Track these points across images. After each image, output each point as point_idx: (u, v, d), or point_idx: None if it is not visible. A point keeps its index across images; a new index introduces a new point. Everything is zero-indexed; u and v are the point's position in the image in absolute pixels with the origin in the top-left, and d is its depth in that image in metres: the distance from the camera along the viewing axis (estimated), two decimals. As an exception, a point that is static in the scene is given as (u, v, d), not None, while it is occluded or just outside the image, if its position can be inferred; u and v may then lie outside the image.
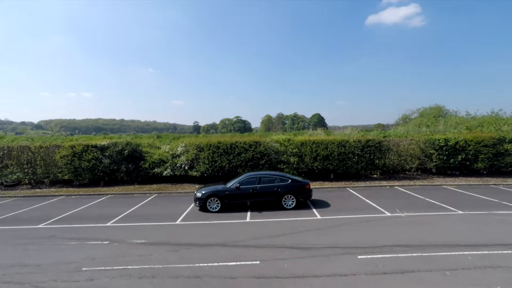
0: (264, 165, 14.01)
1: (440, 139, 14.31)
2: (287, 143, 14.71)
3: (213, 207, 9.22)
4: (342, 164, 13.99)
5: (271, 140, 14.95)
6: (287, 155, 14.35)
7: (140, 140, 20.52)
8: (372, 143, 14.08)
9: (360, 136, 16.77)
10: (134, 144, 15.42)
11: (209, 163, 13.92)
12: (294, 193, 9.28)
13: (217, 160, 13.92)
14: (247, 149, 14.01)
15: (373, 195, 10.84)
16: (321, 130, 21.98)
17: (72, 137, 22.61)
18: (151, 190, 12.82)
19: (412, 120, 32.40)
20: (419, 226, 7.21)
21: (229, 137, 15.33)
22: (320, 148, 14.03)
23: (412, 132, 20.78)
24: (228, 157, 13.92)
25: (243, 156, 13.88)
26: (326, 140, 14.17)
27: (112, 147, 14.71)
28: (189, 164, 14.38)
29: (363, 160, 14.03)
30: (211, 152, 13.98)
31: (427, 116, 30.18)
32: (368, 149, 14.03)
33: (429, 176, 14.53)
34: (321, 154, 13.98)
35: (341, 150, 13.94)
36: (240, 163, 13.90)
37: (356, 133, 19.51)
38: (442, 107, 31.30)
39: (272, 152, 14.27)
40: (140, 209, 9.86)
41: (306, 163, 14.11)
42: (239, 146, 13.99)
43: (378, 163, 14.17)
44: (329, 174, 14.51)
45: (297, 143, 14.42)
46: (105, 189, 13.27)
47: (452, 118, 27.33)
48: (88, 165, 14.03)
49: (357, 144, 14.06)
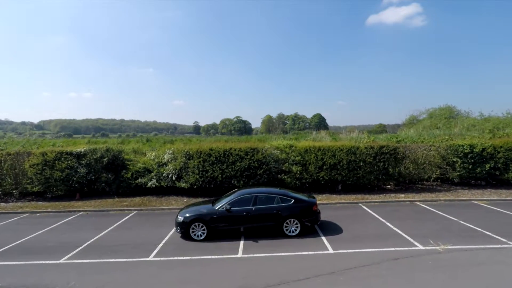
0: (263, 175, 12.20)
1: (465, 145, 12.48)
2: (288, 149, 12.90)
3: (198, 234, 7.42)
4: (352, 174, 12.17)
5: (271, 146, 13.15)
6: (288, 163, 12.54)
7: (127, 145, 18.76)
8: (386, 150, 12.27)
9: (370, 141, 14.97)
10: (115, 150, 13.63)
11: (199, 173, 12.12)
12: (298, 217, 7.47)
13: (208, 169, 12.11)
14: (243, 157, 12.21)
15: (393, 215, 9.03)
16: (326, 134, 20.14)
17: (51, 141, 20.84)
18: (131, 206, 11.02)
19: (420, 122, 30.55)
20: (471, 271, 5.38)
21: (222, 143, 13.54)
22: (326, 155, 12.22)
23: (425, 136, 18.96)
24: (221, 166, 12.12)
25: (238, 165, 12.08)
26: (334, 146, 12.35)
27: (89, 155, 12.94)
28: (177, 174, 12.59)
29: (376, 169, 12.22)
30: (201, 160, 12.18)
31: (438, 118, 28.30)
32: (382, 156, 12.21)
33: (452, 188, 12.70)
34: (327, 163, 12.17)
35: (350, 158, 12.13)
36: (234, 173, 12.10)
37: (365, 137, 17.69)
38: (453, 107, 29.45)
39: (271, 160, 12.46)
40: (111, 235, 8.07)
41: (311, 173, 12.30)
42: (233, 154, 12.19)
43: (393, 173, 12.35)
44: (337, 185, 12.70)
45: (300, 150, 12.62)
46: (79, 204, 11.49)
47: (466, 119, 25.45)
48: (61, 175, 12.24)
49: (369, 151, 12.25)
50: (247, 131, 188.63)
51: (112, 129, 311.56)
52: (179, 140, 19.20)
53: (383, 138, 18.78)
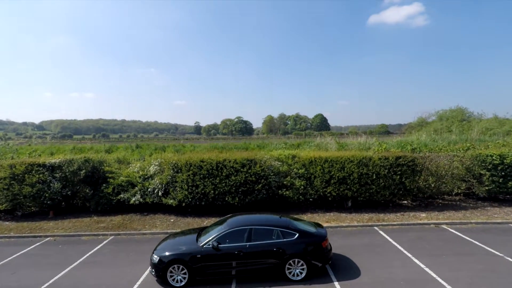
0: (261, 190, 10.63)
1: (494, 155, 10.86)
2: (290, 161, 11.33)
3: (177, 279, 5.86)
4: (364, 189, 10.58)
5: (270, 157, 11.58)
6: (290, 177, 10.97)
7: (113, 153, 17.23)
8: (403, 161, 10.66)
9: (382, 149, 13.37)
10: (95, 161, 12.11)
11: (189, 189, 10.57)
12: (304, 256, 5.91)
13: (199, 184, 10.55)
14: (238, 170, 10.64)
15: (419, 246, 7.45)
16: (331, 139, 18.52)
17: (34, 147, 19.35)
18: (108, 229, 9.48)
19: (430, 124, 28.90)
20: None
21: (216, 153, 11.98)
22: (334, 168, 10.63)
23: (439, 141, 17.33)
24: (213, 181, 10.56)
25: (233, 179, 10.51)
26: (342, 157, 10.76)
27: (65, 166, 11.40)
28: (164, 188, 11.05)
29: (391, 183, 10.62)
30: (191, 174, 10.62)
31: (449, 120, 26.62)
32: (399, 168, 10.61)
33: (478, 205, 11.09)
34: (336, 176, 10.58)
35: (362, 171, 10.53)
36: (229, 189, 10.53)
37: (375, 143, 16.09)
38: (465, 109, 27.77)
39: (271, 173, 10.89)
40: (73, 275, 6.54)
41: (316, 188, 10.72)
42: (228, 166, 10.62)
43: (411, 188, 10.74)
44: (346, 201, 11.12)
45: (304, 161, 11.04)
46: (50, 226, 9.97)
47: (480, 122, 23.78)
48: (32, 191, 10.71)
49: (384, 162, 10.65)
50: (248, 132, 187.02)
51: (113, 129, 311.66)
52: (172, 147, 17.67)
53: (394, 144, 17.16)
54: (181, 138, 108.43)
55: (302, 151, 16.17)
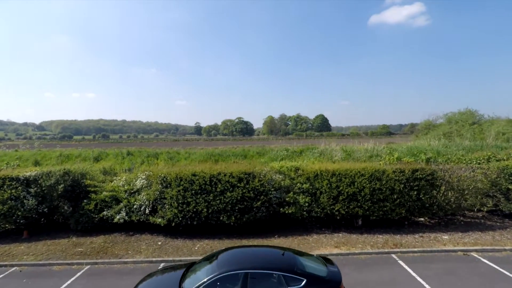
0: (260, 208, 9.42)
1: (523, 168, 9.63)
2: (293, 173, 10.11)
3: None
4: (376, 207, 9.35)
5: (271, 169, 10.37)
6: (293, 192, 9.74)
7: (102, 161, 16.02)
8: (421, 174, 9.43)
9: (394, 158, 12.15)
10: (77, 173, 10.92)
11: (179, 206, 9.36)
12: (313, 309, 4.68)
13: (190, 201, 9.34)
14: (234, 185, 9.43)
15: (450, 282, 6.21)
16: (336, 144, 17.28)
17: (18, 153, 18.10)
18: (86, 255, 8.28)
19: (438, 127, 27.58)
20: None
21: (210, 164, 10.76)
22: (343, 182, 9.40)
23: (453, 147, 16.07)
24: (206, 197, 9.35)
25: (229, 195, 9.29)
26: (352, 170, 9.53)
27: (42, 180, 10.20)
28: (151, 205, 9.85)
29: (407, 200, 9.39)
30: (181, 189, 9.41)
31: (459, 123, 25.29)
32: (416, 183, 9.38)
33: (505, 223, 9.87)
34: (344, 192, 9.36)
35: (375, 186, 9.30)
36: (224, 207, 9.32)
37: (385, 151, 14.88)
38: (475, 112, 26.40)
39: (271, 188, 9.68)
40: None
41: (323, 205, 9.50)
42: (223, 181, 9.40)
43: (430, 205, 9.51)
44: (356, 218, 9.89)
45: (309, 174, 9.82)
46: (21, 250, 8.79)
47: (493, 126, 22.47)
48: (2, 208, 9.52)
49: (399, 176, 9.42)
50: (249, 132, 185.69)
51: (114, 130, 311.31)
52: (165, 154, 16.44)
53: (404, 151, 15.92)
54: (180, 139, 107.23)
55: (306, 161, 14.95)
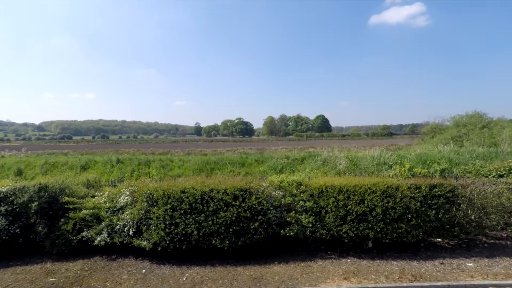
0: (258, 229, 8.34)
1: (555, 183, 8.53)
2: (295, 190, 9.01)
3: None
4: (390, 228, 8.25)
5: (270, 184, 9.29)
6: (295, 211, 8.66)
7: (89, 170, 14.94)
8: (440, 191, 8.34)
9: (406, 170, 11.06)
10: (55, 188, 9.82)
11: (166, 228, 8.28)
12: None
13: (179, 222, 8.26)
14: (229, 204, 8.35)
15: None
16: (340, 151, 16.17)
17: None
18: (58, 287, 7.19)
19: (445, 130, 26.45)
20: None
21: (201, 178, 9.63)
22: (351, 200, 8.32)
23: (465, 154, 14.97)
24: (197, 218, 8.26)
25: (223, 215, 8.21)
26: (362, 186, 8.44)
27: (13, 197, 9.12)
28: (136, 226, 8.77)
29: (425, 220, 8.30)
30: (169, 208, 8.33)
31: (467, 127, 24.17)
32: (434, 201, 8.30)
33: (535, 245, 8.75)
34: (353, 211, 8.27)
35: (387, 205, 8.21)
36: (217, 229, 8.24)
37: (394, 158, 13.79)
38: (483, 114, 25.27)
39: (270, 206, 8.59)
40: None
41: (329, 226, 8.41)
42: (215, 199, 8.32)
43: (450, 226, 8.42)
44: (366, 241, 8.80)
45: (313, 191, 8.72)
46: (-15, 278, 7.70)
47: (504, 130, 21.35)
48: (-34, 230, 8.46)
49: (415, 192, 8.33)
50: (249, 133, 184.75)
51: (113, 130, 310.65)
52: (157, 161, 15.37)
53: (413, 158, 14.83)
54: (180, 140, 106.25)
55: (308, 169, 13.90)
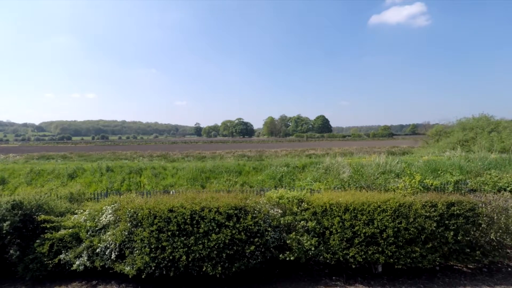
0: (254, 253, 7.44)
1: None
2: (296, 207, 8.10)
3: None
4: (402, 252, 7.35)
5: (268, 200, 8.38)
6: (296, 232, 7.76)
7: (77, 180, 14.04)
8: (458, 210, 7.44)
9: (416, 181, 10.16)
10: (31, 204, 8.90)
11: (152, 252, 7.38)
12: None
13: (165, 246, 7.35)
14: (221, 224, 7.45)
15: None
16: (342, 159, 15.26)
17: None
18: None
19: (450, 134, 25.50)
20: None
21: (193, 194, 8.70)
22: (359, 220, 7.41)
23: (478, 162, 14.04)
24: (186, 241, 7.36)
25: (215, 237, 7.30)
26: (370, 203, 7.53)
27: (-16, 216, 8.22)
28: (118, 249, 7.86)
29: (442, 243, 7.39)
30: (155, 229, 7.42)
31: (474, 130, 23.22)
32: (453, 221, 7.39)
33: None
34: (361, 233, 7.36)
35: (400, 225, 7.31)
36: (208, 253, 7.33)
37: (400, 165, 12.91)
38: (491, 117, 24.30)
39: (268, 227, 7.69)
40: None
41: (333, 250, 7.50)
42: (207, 218, 7.42)
43: (470, 249, 7.51)
44: (376, 265, 7.89)
45: (315, 209, 7.81)
46: None
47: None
48: None
49: (430, 211, 7.43)
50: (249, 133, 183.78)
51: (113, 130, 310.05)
52: (150, 169, 14.48)
53: (421, 167, 13.93)
54: (179, 142, 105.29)
55: (309, 178, 12.97)
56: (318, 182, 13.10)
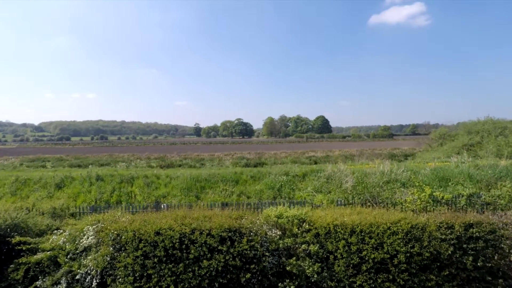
0: (250, 282, 6.68)
1: None
2: (297, 228, 7.34)
3: None
4: (416, 280, 6.59)
5: (265, 220, 7.61)
6: (297, 256, 6.99)
7: (62, 191, 13.26)
8: (478, 232, 6.70)
9: (426, 195, 9.43)
10: (8, 223, 8.11)
11: (136, 281, 6.62)
12: None
13: (151, 274, 6.59)
14: (214, 249, 6.69)
15: None
16: (345, 167, 14.51)
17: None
18: None
19: (455, 137, 24.74)
20: None
21: (182, 214, 7.89)
22: (367, 244, 6.66)
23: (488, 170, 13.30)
24: (174, 268, 6.60)
25: (206, 264, 6.55)
26: (379, 225, 6.78)
27: (-49, 238, 7.45)
28: (100, 276, 7.09)
29: (460, 269, 6.65)
30: (140, 254, 6.66)
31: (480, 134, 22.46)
32: (471, 245, 6.65)
33: None
34: (369, 258, 6.61)
35: (413, 250, 6.55)
36: (199, 282, 6.57)
37: (404, 174, 12.19)
38: (496, 121, 23.53)
39: (266, 251, 6.92)
40: None
41: (338, 277, 6.74)
42: (197, 242, 6.66)
43: (492, 277, 6.75)
44: (385, 292, 7.11)
45: (318, 230, 7.06)
46: None
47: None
48: None
49: (446, 233, 6.70)
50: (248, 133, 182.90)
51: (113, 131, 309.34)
52: (142, 178, 13.74)
53: (428, 175, 13.18)
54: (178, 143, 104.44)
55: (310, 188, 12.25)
56: (320, 193, 12.35)
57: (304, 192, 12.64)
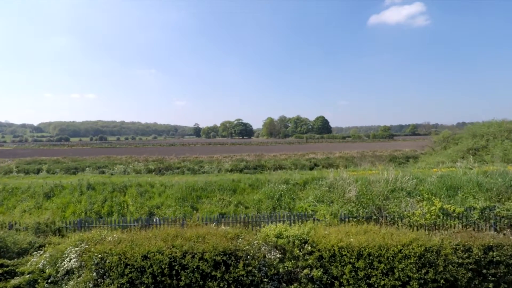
0: (248, 311, 6.02)
1: None
2: (298, 250, 6.69)
3: None
4: (430, 310, 5.95)
5: (264, 239, 6.97)
6: (298, 282, 6.36)
7: (51, 201, 12.63)
8: (498, 255, 6.07)
9: (437, 209, 8.80)
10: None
11: (121, 311, 5.97)
12: None
13: (137, 303, 5.94)
14: (207, 275, 6.06)
15: None
16: (348, 174, 13.88)
17: None
18: None
19: (458, 141, 24.12)
20: None
21: (173, 233, 7.23)
22: (376, 269, 6.03)
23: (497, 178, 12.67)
24: (163, 296, 5.95)
25: (199, 293, 5.90)
26: (389, 248, 6.14)
27: None
28: (82, 304, 6.44)
29: (477, 297, 6.01)
30: (125, 282, 6.03)
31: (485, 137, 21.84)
32: (492, 270, 6.01)
33: None
34: (378, 286, 5.98)
35: (427, 276, 5.92)
36: (190, 313, 5.92)
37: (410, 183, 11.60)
38: (502, 122, 22.92)
39: (264, 277, 6.28)
40: None
41: (345, 305, 6.10)
42: (189, 268, 6.02)
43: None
44: (395, 320, 6.48)
45: (322, 253, 6.42)
46: None
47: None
48: None
49: (463, 257, 6.07)
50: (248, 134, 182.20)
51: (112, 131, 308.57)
52: (135, 187, 13.14)
53: (434, 183, 12.57)
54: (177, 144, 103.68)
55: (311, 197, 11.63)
56: (322, 203, 11.73)
57: (305, 202, 12.01)
